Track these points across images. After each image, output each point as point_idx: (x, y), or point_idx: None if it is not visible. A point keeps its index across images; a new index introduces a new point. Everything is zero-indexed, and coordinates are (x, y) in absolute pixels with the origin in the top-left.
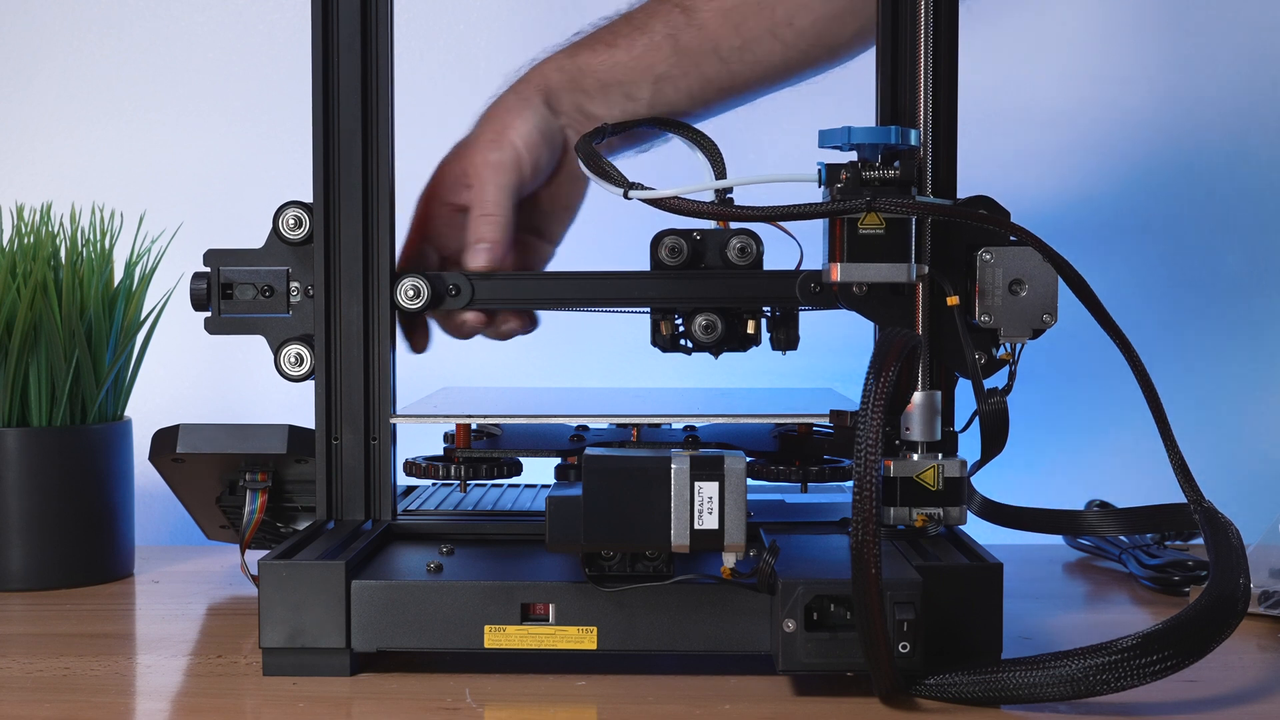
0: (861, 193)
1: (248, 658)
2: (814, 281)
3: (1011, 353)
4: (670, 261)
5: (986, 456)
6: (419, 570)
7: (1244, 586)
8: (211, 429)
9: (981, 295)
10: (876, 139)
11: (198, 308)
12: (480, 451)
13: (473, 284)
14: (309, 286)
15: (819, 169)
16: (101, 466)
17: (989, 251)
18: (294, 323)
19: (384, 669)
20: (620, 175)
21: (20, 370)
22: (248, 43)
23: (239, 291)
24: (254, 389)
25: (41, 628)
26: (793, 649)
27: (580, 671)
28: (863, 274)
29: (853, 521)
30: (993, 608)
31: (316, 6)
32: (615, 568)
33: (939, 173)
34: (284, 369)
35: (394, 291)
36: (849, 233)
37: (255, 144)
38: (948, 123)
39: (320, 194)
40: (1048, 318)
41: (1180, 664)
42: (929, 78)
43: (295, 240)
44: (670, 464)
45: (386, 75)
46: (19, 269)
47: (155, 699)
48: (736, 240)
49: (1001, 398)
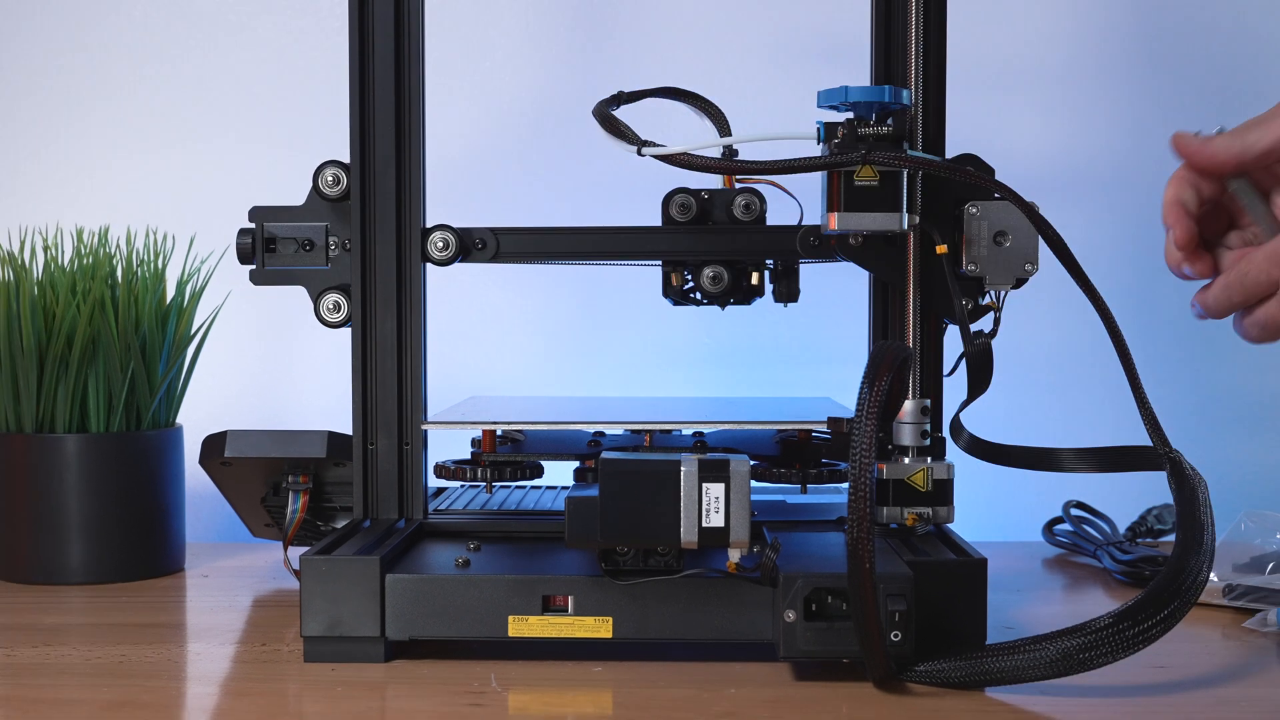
0: (857, 147)
1: (290, 646)
2: (813, 235)
3: (996, 299)
4: (680, 218)
5: (973, 395)
6: (448, 565)
7: (1207, 551)
8: (257, 435)
9: (968, 245)
10: (871, 97)
11: (243, 260)
12: (505, 456)
13: (498, 238)
14: (346, 240)
15: (818, 127)
16: (155, 469)
17: (975, 205)
18: (332, 274)
19: (416, 656)
20: (634, 134)
21: (80, 381)
22: (289, 80)
23: (281, 245)
24: (296, 397)
25: (99, 618)
26: (793, 637)
27: (597, 658)
28: (858, 223)
29: (848, 520)
30: (977, 599)
31: None
32: (629, 563)
33: (928, 130)
34: (323, 316)
35: (425, 244)
36: (845, 185)
37: (297, 172)
38: (937, 83)
39: (356, 154)
40: (1029, 266)
41: (1150, 637)
42: (919, 41)
43: (333, 197)
44: (680, 467)
45: (417, 47)
46: (79, 287)
47: (204, 683)
48: (741, 198)
49: (986, 340)
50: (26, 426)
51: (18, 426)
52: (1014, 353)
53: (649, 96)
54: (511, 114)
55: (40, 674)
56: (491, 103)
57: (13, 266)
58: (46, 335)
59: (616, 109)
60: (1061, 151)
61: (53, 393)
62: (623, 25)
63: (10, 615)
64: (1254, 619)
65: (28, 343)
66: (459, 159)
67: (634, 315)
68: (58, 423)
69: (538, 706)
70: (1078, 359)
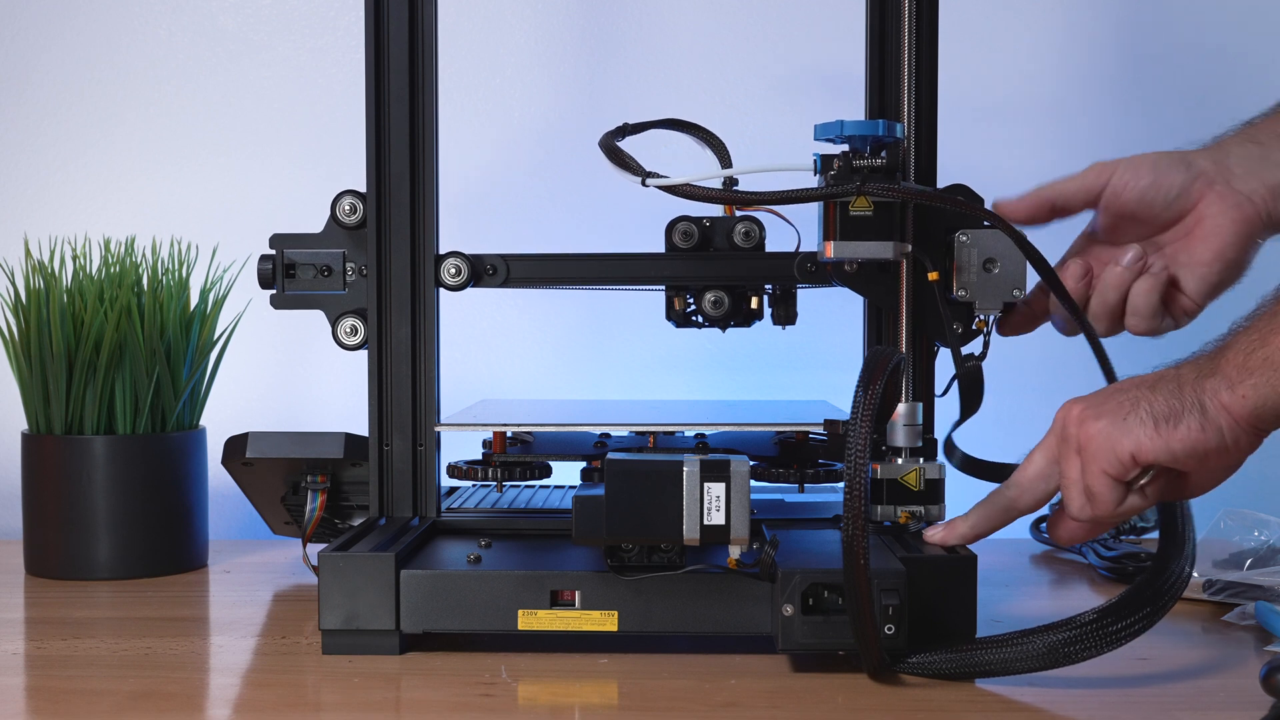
0: (852, 179)
1: (309, 638)
2: (810, 261)
3: (985, 323)
4: (683, 244)
5: (964, 415)
6: (460, 561)
7: (1189, 555)
8: (277, 436)
9: (959, 272)
10: (866, 131)
11: (264, 285)
12: (515, 456)
13: (508, 264)
14: (362, 266)
15: (814, 158)
16: (179, 469)
17: (965, 233)
18: (349, 298)
19: (429, 648)
20: (638, 165)
21: (107, 384)
22: (307, 96)
23: (300, 271)
24: (315, 400)
25: (126, 612)
26: (791, 631)
27: (603, 650)
28: (853, 251)
29: (844, 518)
30: (968, 594)
31: (370, 24)
32: (634, 559)
33: (921, 162)
34: (340, 339)
35: (438, 270)
36: (841, 215)
37: (315, 184)
38: (929, 117)
39: (373, 184)
40: (1017, 292)
41: (1135, 632)
42: (912, 77)
43: (350, 225)
44: (683, 467)
45: (432, 76)
46: (106, 295)
47: (226, 675)
48: (741, 226)
49: (977, 362)
50: (56, 428)
51: (48, 428)
52: (1007, 365)
53: (653, 128)
54: (523, 144)
55: (69, 665)
56: (503, 133)
57: (43, 275)
58: (75, 341)
59: (621, 140)
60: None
61: (81, 396)
62: (629, 60)
63: (40, 609)
64: (1233, 613)
65: (57, 348)
66: (472, 186)
67: (638, 321)
68: (86, 425)
69: (546, 697)
70: (1069, 372)
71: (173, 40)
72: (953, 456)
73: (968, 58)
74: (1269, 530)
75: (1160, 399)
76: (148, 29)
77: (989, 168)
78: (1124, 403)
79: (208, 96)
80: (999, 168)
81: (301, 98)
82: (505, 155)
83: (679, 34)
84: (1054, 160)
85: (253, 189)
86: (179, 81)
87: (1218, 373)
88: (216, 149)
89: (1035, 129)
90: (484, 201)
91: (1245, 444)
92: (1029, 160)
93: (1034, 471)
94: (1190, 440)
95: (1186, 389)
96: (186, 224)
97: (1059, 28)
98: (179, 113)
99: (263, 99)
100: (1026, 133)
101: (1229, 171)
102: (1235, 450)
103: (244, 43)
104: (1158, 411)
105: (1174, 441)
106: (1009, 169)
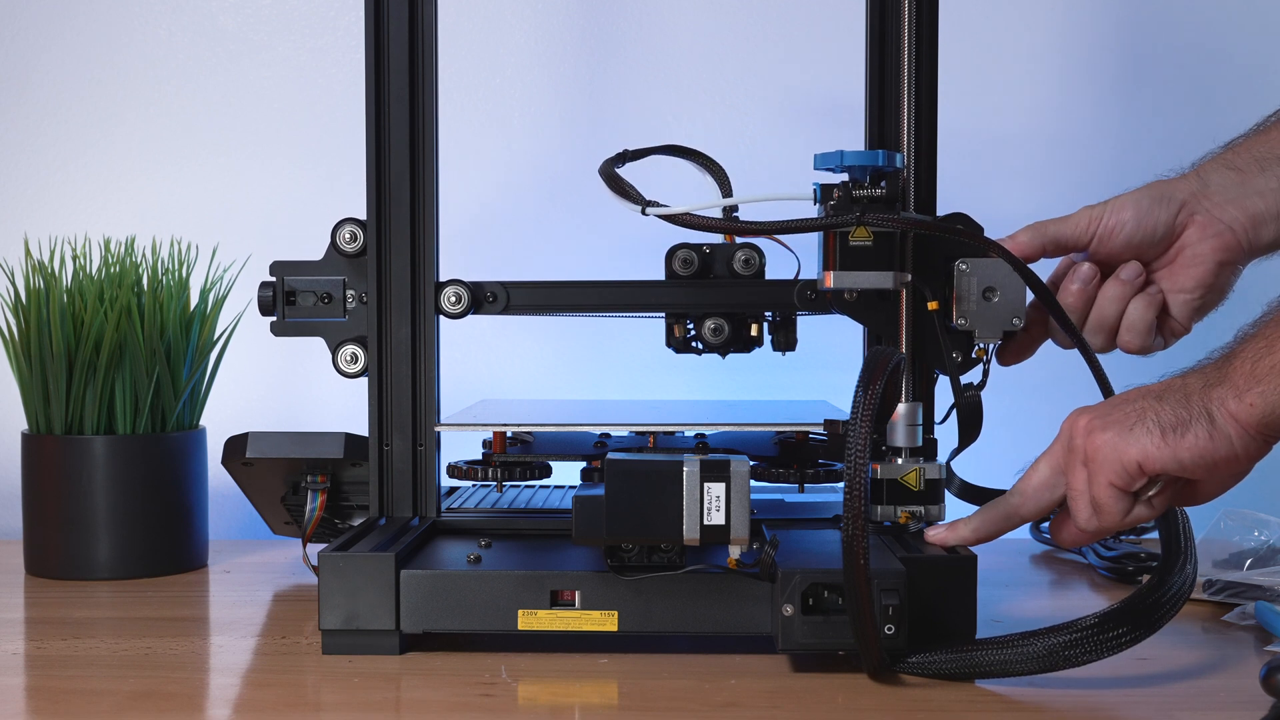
0: (852, 209)
1: (309, 638)
2: (810, 289)
3: (985, 351)
4: (683, 272)
5: (964, 444)
6: (460, 561)
7: (1190, 571)
8: (277, 436)
9: (958, 301)
10: (866, 161)
11: (264, 313)
12: (515, 456)
13: (508, 291)
14: (363, 294)
15: (814, 188)
16: (179, 469)
17: (965, 262)
18: (349, 326)
19: (429, 648)
20: (638, 194)
21: (107, 384)
22: (307, 96)
23: (301, 298)
24: (315, 400)
25: (126, 612)
26: (791, 630)
27: (603, 650)
28: (853, 281)
29: (844, 518)
30: (968, 594)
31: (370, 27)
32: (634, 559)
33: (920, 191)
34: (341, 367)
35: (438, 298)
36: (841, 245)
37: (315, 185)
38: (928, 147)
39: (373, 212)
40: (1016, 320)
41: (1134, 639)
42: (911, 108)
43: (351, 253)
44: (683, 467)
45: (432, 104)
46: (106, 295)
47: (226, 675)
48: (741, 253)
49: (976, 391)
50: (56, 428)
51: (48, 428)
52: (1008, 386)
53: (653, 154)
54: (524, 171)
55: (69, 665)
56: (503, 161)
57: (43, 275)
58: (75, 341)
59: (622, 166)
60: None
61: (81, 396)
62: (629, 60)
63: (40, 609)
64: (1233, 613)
65: (57, 348)
66: (473, 214)
67: (638, 322)
68: (86, 425)
69: (546, 696)
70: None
71: (173, 40)
72: (951, 484)
73: (968, 86)
74: (1269, 530)
75: (1167, 409)
76: (147, 29)
77: (988, 198)
78: (1130, 413)
79: (208, 96)
80: (998, 198)
81: (301, 98)
82: (506, 185)
83: (679, 34)
84: (1055, 194)
85: (253, 189)
86: (179, 81)
87: (1225, 381)
88: (216, 149)
89: (1034, 160)
90: (484, 228)
91: (1254, 451)
92: (1032, 192)
93: (1039, 481)
94: (1198, 449)
95: (1194, 398)
96: (186, 224)
97: (1057, 58)
98: (179, 113)
99: (263, 99)
100: (1024, 164)
101: (1210, 200)
102: (1244, 458)
103: (244, 43)
104: (1165, 421)
105: (1181, 451)
106: (1008, 199)
